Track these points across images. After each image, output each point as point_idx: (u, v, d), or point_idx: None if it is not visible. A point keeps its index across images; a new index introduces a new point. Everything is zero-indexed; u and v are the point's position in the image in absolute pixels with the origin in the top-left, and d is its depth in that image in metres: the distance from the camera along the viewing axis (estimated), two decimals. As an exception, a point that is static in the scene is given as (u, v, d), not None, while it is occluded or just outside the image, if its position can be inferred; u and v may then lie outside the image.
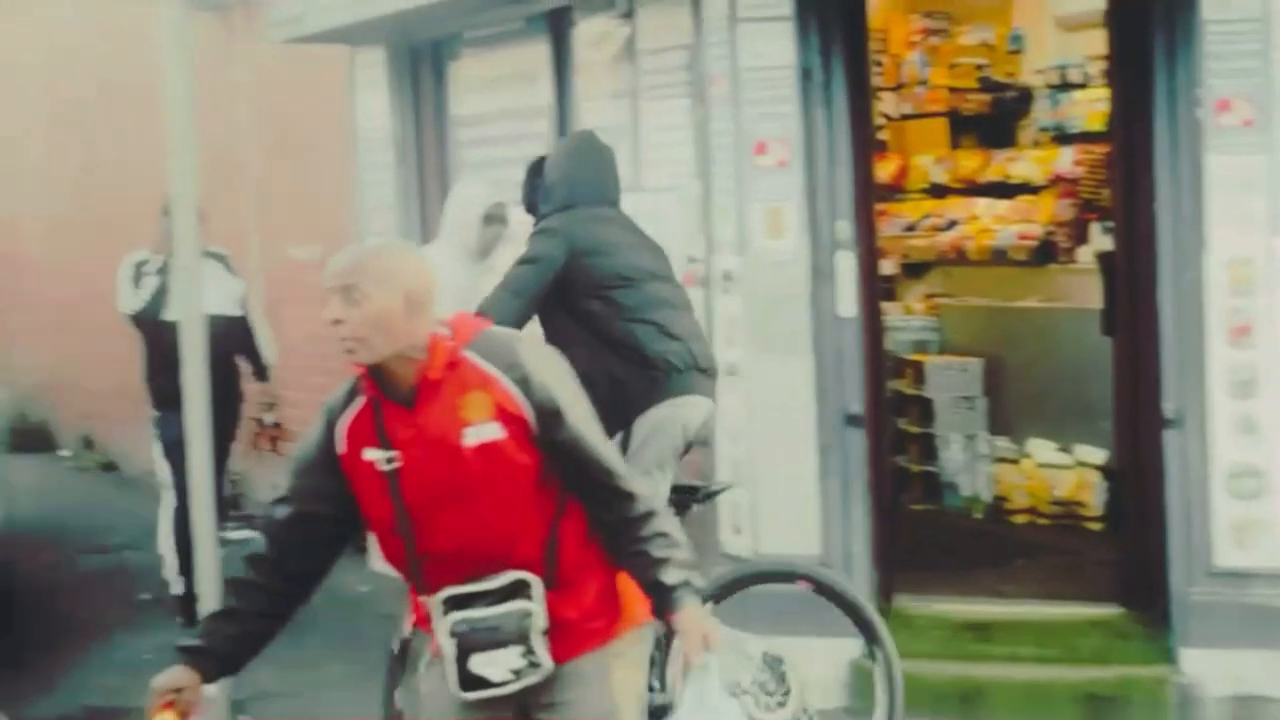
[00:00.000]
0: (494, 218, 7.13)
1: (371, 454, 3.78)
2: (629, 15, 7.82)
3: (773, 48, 7.01)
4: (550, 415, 3.77)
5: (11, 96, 16.68)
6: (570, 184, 6.46)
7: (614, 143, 7.88)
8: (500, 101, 8.93)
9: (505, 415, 3.74)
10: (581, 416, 3.84)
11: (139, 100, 13.18)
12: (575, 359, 6.22)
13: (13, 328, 17.53)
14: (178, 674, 3.81)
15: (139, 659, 8.40)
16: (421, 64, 9.43)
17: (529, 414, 3.75)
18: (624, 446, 6.08)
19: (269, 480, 11.73)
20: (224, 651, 3.87)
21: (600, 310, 6.23)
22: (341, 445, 3.83)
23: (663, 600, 3.76)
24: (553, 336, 6.27)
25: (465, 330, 3.84)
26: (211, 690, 3.88)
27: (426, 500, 3.76)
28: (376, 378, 3.78)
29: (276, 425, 11.64)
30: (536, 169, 6.82)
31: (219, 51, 11.33)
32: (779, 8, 7.00)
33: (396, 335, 3.71)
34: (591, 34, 8.13)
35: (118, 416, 14.39)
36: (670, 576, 3.76)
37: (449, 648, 3.77)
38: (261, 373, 9.36)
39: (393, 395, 3.78)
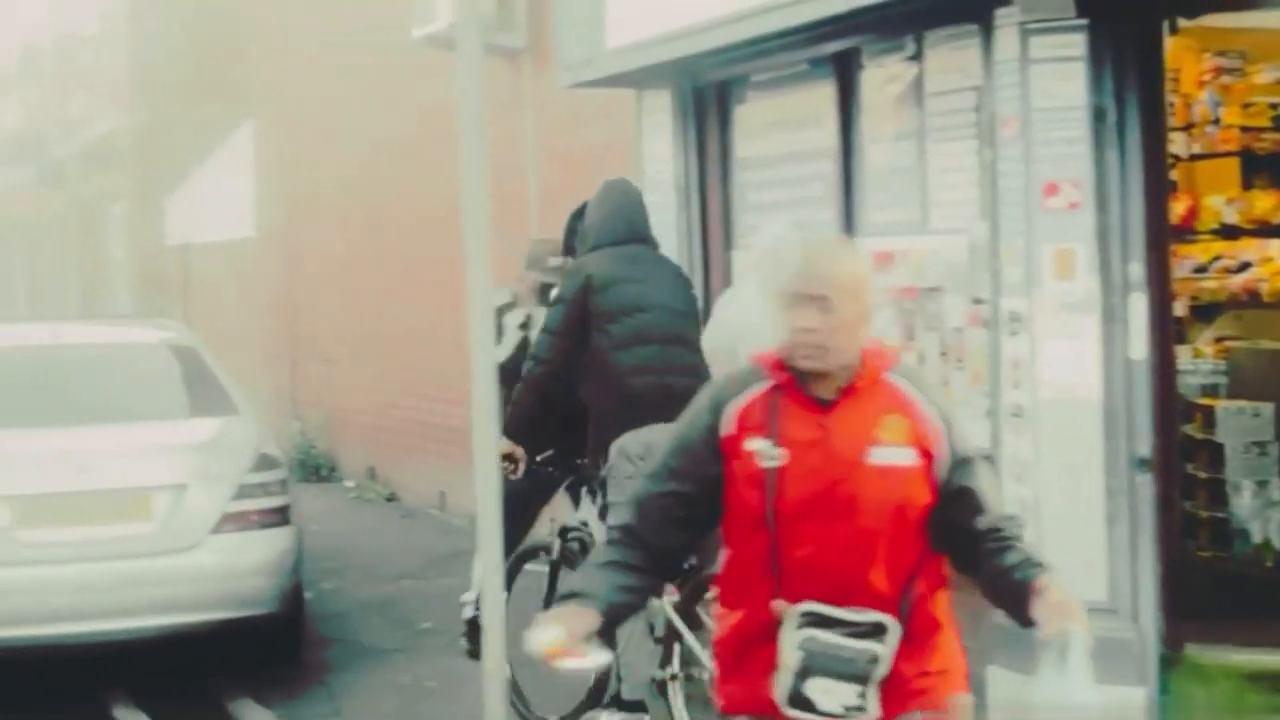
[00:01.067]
0: None
1: (756, 444, 3.79)
2: (916, 57, 7.81)
3: (1065, 88, 6.94)
4: (962, 461, 3.82)
5: (322, 138, 17.26)
6: (599, 227, 7.35)
7: (900, 184, 7.96)
8: (785, 144, 8.95)
9: (921, 446, 3.77)
10: (980, 460, 3.87)
11: (431, 140, 13.55)
12: (585, 388, 7.20)
13: (303, 364, 18.12)
14: (572, 611, 3.82)
15: (421, 685, 8.60)
16: (707, 107, 9.51)
17: (943, 453, 3.78)
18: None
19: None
20: (607, 601, 3.85)
21: (599, 342, 7.14)
22: (729, 428, 3.84)
23: (1028, 571, 3.75)
24: (577, 368, 7.27)
25: (889, 353, 3.89)
26: (602, 656, 3.88)
27: (801, 503, 3.76)
28: (799, 374, 3.80)
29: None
30: (579, 214, 7.71)
31: (507, 95, 11.60)
32: (1072, 48, 6.93)
33: (855, 343, 3.79)
34: (879, 76, 8.13)
35: (400, 449, 14.76)
36: (1032, 553, 3.80)
37: (793, 660, 3.74)
38: None
39: (813, 394, 3.80)
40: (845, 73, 8.40)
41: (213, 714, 8.40)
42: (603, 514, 7.39)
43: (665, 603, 7.11)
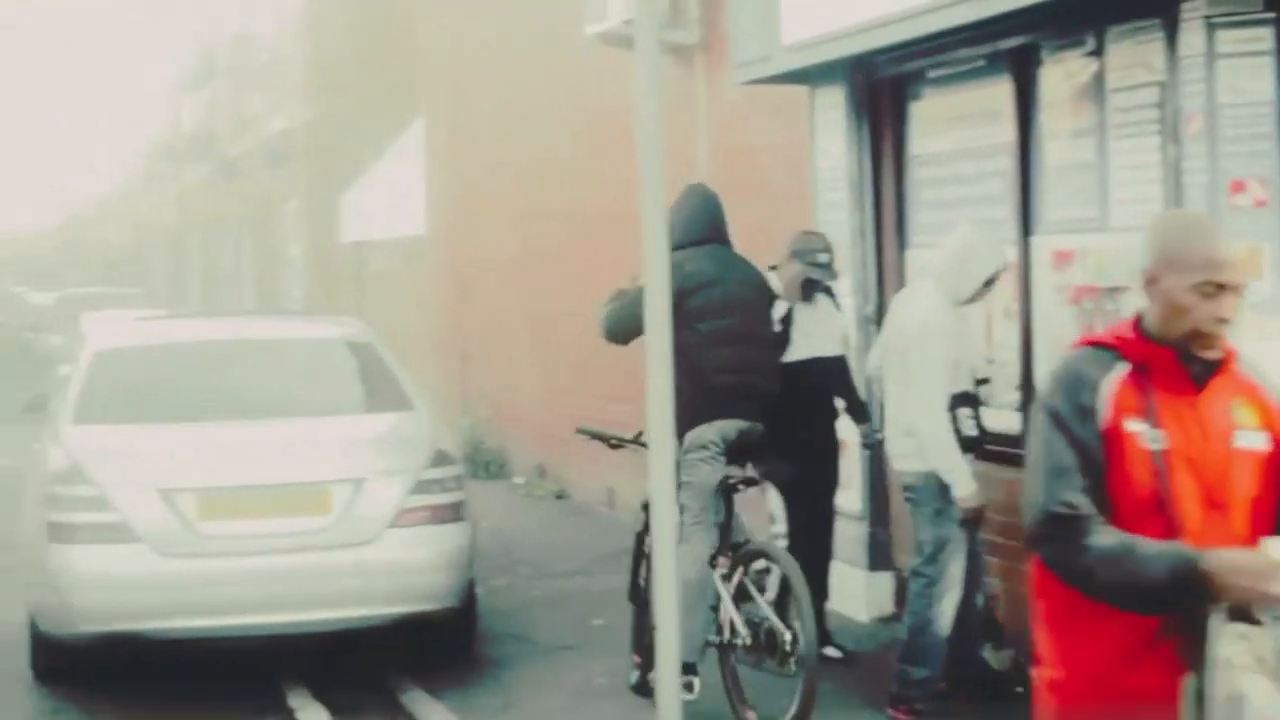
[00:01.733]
0: (994, 280, 7.46)
1: (1138, 426, 3.66)
2: (1097, 52, 7.68)
3: (1253, 83, 6.79)
4: None
5: (493, 135, 17.41)
6: (684, 227, 7.83)
7: (1079, 181, 7.84)
8: (961, 140, 8.87)
9: (1273, 430, 3.71)
10: None
11: (602, 136, 13.60)
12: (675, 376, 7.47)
13: (473, 360, 18.28)
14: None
15: (591, 682, 8.62)
16: (881, 103, 9.44)
17: None
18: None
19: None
20: None
21: (686, 339, 7.39)
22: (1106, 413, 3.69)
23: None
24: None
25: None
26: None
27: (1185, 488, 3.65)
28: (1181, 354, 3.71)
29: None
30: None
31: (678, 92, 11.60)
32: (1260, 43, 6.78)
33: None
34: (1058, 72, 8.01)
35: (568, 446, 14.80)
36: None
37: (1240, 658, 3.53)
38: (860, 412, 8.87)
39: (1191, 375, 3.71)
40: (1023, 68, 8.30)
41: (386, 705, 8.50)
42: None
43: (716, 574, 7.69)
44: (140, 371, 9.49)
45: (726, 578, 7.66)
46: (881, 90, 9.43)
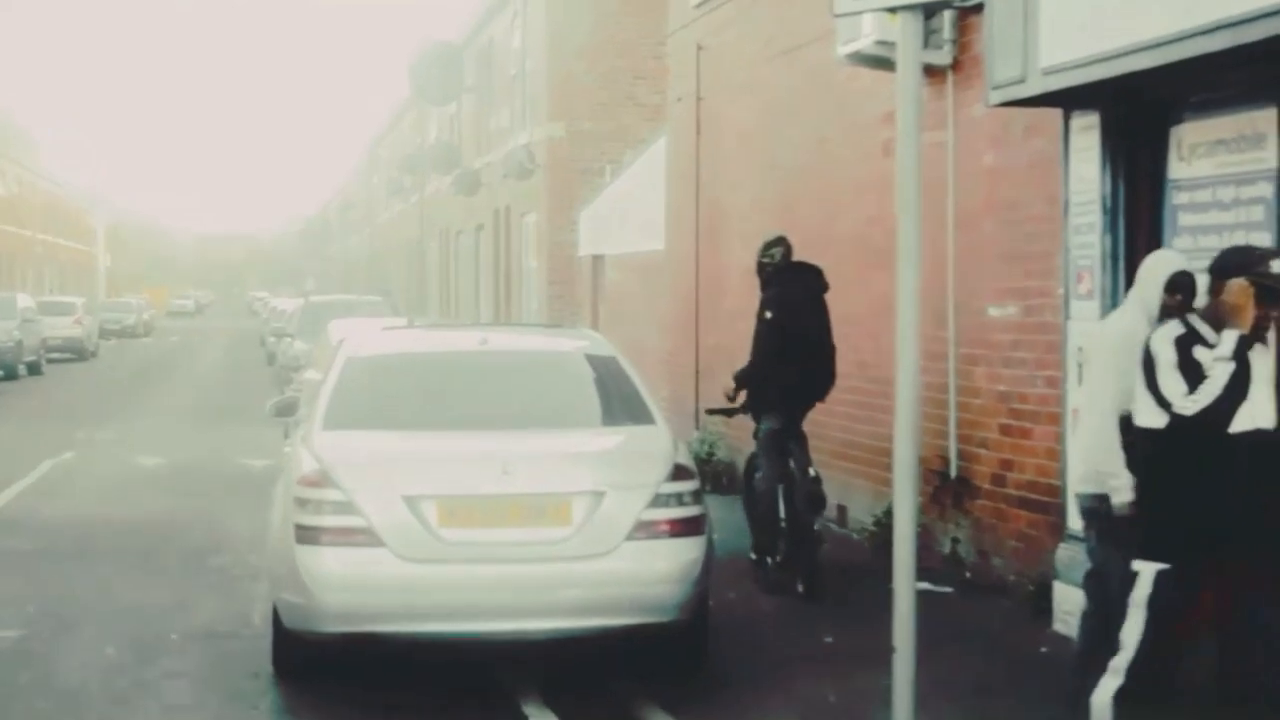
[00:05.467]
0: (1177, 284, 7.15)
1: None
2: (1368, 78, 7.44)
3: None
4: None
5: (734, 153, 17.47)
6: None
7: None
8: (1222, 165, 8.65)
9: None
10: None
11: (845, 157, 13.55)
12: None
13: (706, 375, 18.30)
14: None
15: (824, 700, 8.58)
16: (1138, 127, 9.26)
17: None
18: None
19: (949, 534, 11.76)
20: None
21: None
22: None
23: None
24: None
25: None
26: None
27: None
28: None
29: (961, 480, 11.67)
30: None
31: (927, 113, 11.51)
32: None
33: None
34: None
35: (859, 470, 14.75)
36: None
37: None
38: None
39: None
40: (1287, 93, 8.08)
41: (618, 717, 8.50)
42: None
43: (779, 490, 11.56)
44: (388, 380, 9.69)
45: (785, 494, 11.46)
46: (1139, 114, 9.24)
